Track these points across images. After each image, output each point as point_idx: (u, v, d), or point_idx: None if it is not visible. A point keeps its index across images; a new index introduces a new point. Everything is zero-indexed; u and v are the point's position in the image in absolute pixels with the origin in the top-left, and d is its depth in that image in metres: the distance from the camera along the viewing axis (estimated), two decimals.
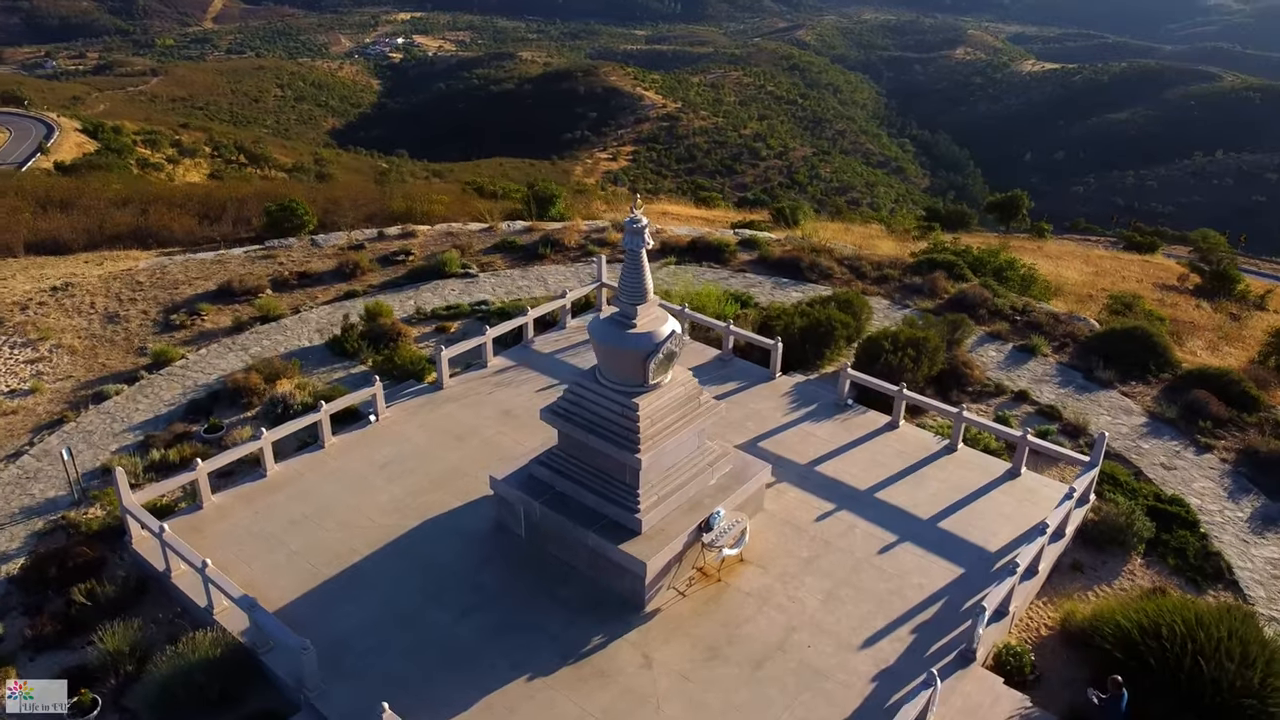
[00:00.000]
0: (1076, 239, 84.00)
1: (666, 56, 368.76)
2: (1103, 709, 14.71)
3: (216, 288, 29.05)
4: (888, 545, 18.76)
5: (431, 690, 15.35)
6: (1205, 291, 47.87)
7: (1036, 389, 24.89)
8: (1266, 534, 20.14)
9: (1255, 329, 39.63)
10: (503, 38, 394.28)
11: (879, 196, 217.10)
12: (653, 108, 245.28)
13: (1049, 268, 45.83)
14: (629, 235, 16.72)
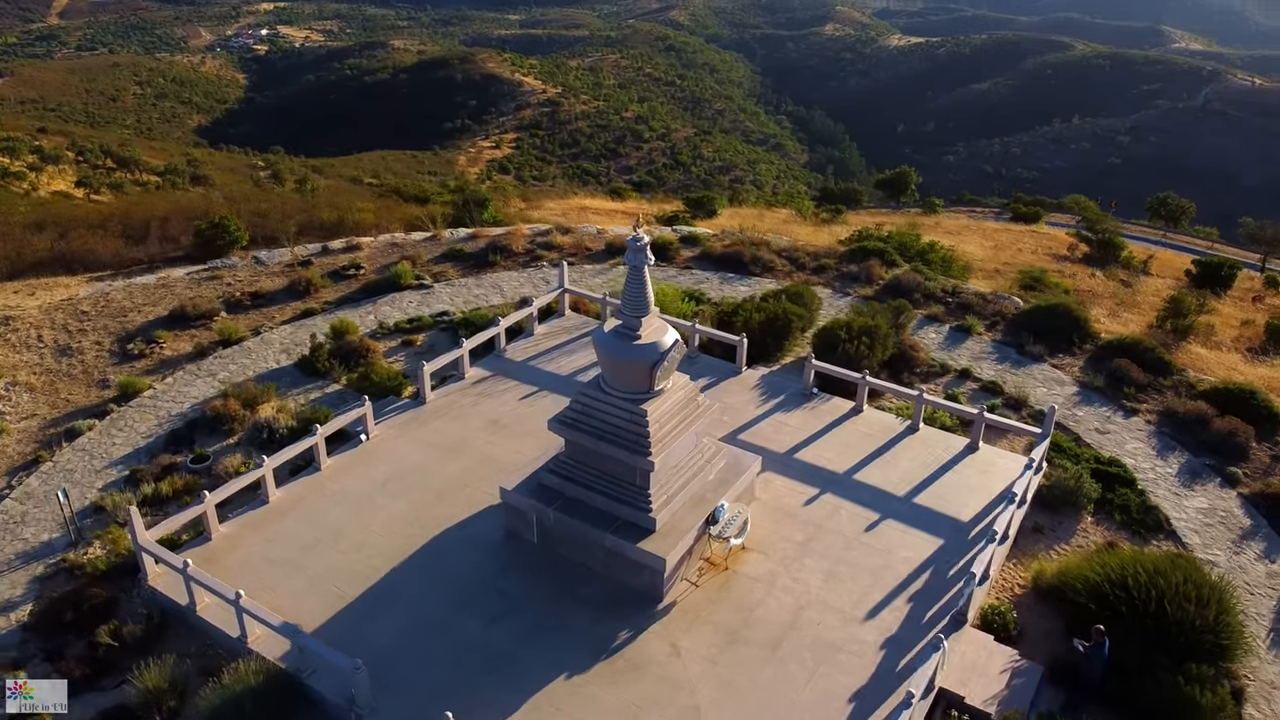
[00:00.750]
0: (964, 211, 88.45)
1: (542, 41, 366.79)
2: (1087, 656, 16.60)
3: (168, 313, 28.68)
4: (872, 523, 20.38)
5: (477, 696, 16.17)
6: (1093, 260, 51.60)
7: (977, 366, 27.00)
8: (1194, 486, 22.60)
9: (1146, 293, 43.13)
10: (372, 26, 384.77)
11: (761, 174, 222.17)
12: (533, 94, 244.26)
13: (953, 244, 48.57)
14: (631, 253, 17.75)
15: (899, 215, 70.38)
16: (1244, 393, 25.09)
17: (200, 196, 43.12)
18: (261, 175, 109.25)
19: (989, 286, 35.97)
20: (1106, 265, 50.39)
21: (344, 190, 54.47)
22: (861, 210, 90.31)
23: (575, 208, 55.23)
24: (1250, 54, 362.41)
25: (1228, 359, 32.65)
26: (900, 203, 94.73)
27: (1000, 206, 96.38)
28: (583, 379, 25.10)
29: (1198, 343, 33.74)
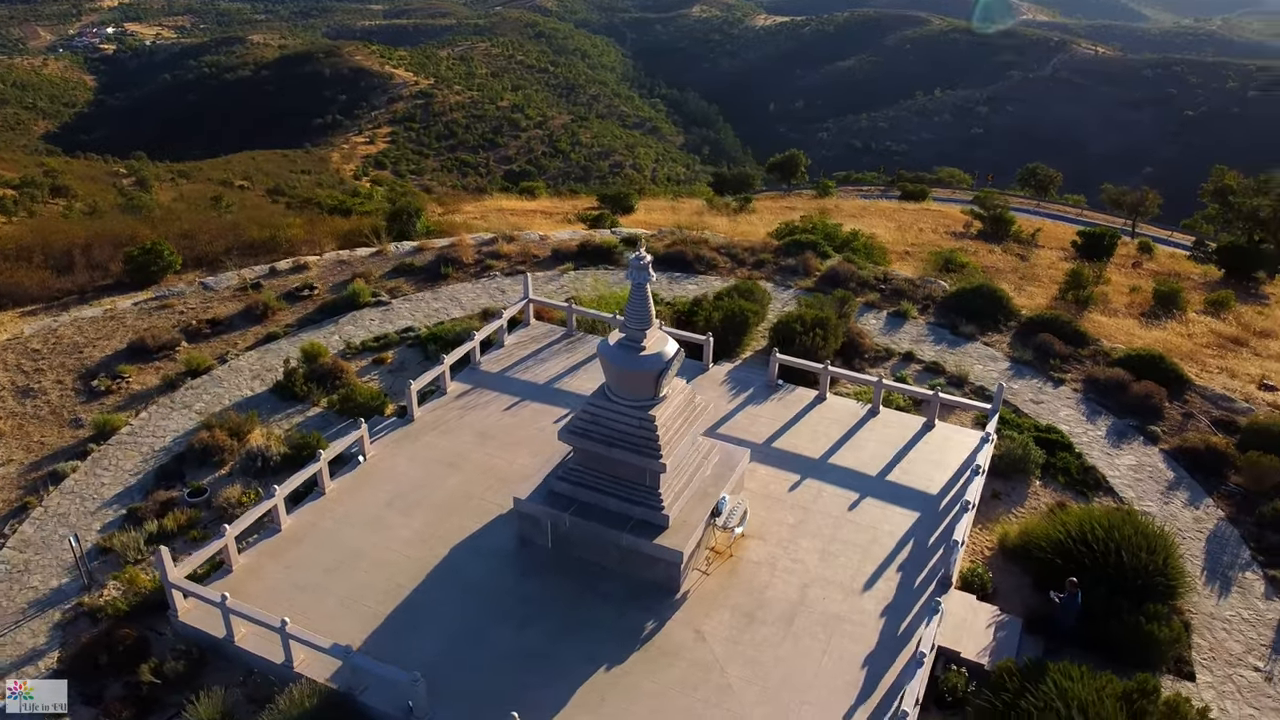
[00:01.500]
0: (852, 190, 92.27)
1: (409, 31, 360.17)
2: (1062, 605, 18.84)
3: (127, 346, 28.40)
4: (854, 503, 22.27)
5: (526, 696, 17.26)
6: (988, 235, 55.16)
7: (918, 348, 29.28)
8: (1122, 446, 25.33)
9: (1042, 266, 46.65)
10: (228, 20, 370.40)
11: (640, 158, 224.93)
12: (404, 86, 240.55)
13: (858, 227, 51.23)
14: (634, 270, 19.05)
15: (801, 200, 73.27)
16: (1153, 358, 28.09)
17: (121, 221, 41.97)
18: (126, 183, 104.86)
19: (905, 269, 38.54)
20: (1001, 240, 54.04)
21: (260, 206, 53.56)
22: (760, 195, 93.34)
23: (493, 209, 55.78)
24: (1091, 24, 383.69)
25: (1125, 325, 36.04)
26: (791, 185, 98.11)
27: (885, 184, 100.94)
28: (560, 387, 26.33)
29: (1097, 312, 37.10)
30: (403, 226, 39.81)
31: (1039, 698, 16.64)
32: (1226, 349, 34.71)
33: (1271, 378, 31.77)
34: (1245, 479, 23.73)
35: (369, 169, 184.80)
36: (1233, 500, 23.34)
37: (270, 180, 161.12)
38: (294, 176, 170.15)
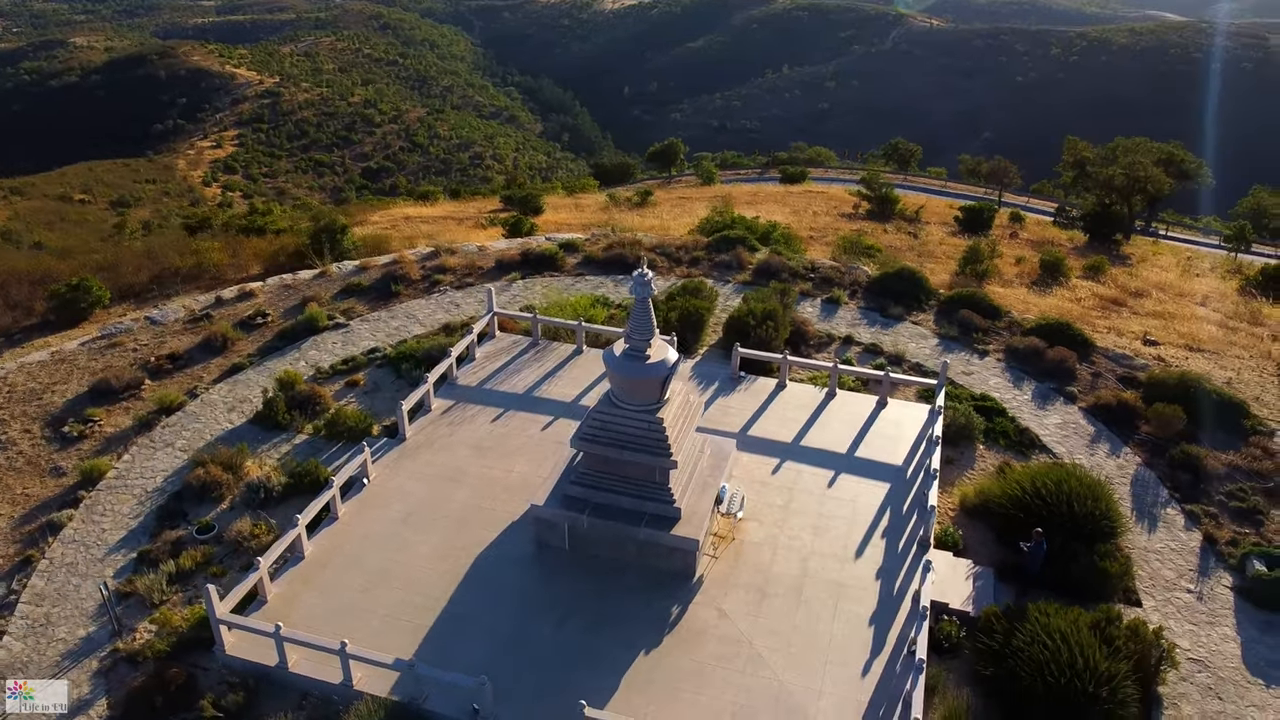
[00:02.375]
0: (729, 174, 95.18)
1: (245, 28, 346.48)
2: (1030, 554, 21.56)
3: (89, 389, 28.08)
4: (831, 480, 24.54)
5: (578, 687, 18.72)
6: (876, 215, 58.72)
7: (855, 332, 31.84)
8: (1047, 407, 28.49)
9: (934, 243, 50.31)
10: (44, 23, 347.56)
11: (500, 148, 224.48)
12: (249, 86, 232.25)
13: (760, 215, 53.84)
14: (637, 286, 20.65)
15: (690, 188, 75.62)
16: (1061, 325, 31.47)
17: (29, 257, 40.49)
18: None
19: (819, 255, 41.19)
20: (888, 219, 57.66)
21: (171, 231, 52.00)
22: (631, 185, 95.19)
23: (400, 217, 55.95)
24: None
25: (1019, 294, 39.65)
26: (672, 174, 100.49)
27: (761, 166, 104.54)
28: (539, 395, 27.65)
29: (994, 283, 40.67)
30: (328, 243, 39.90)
31: (1026, 634, 19.26)
32: (1109, 310, 38.77)
33: (1152, 333, 35.82)
34: (1154, 428, 27.18)
35: (218, 174, 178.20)
36: (1146, 447, 26.75)
37: (112, 192, 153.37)
38: (138, 187, 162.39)
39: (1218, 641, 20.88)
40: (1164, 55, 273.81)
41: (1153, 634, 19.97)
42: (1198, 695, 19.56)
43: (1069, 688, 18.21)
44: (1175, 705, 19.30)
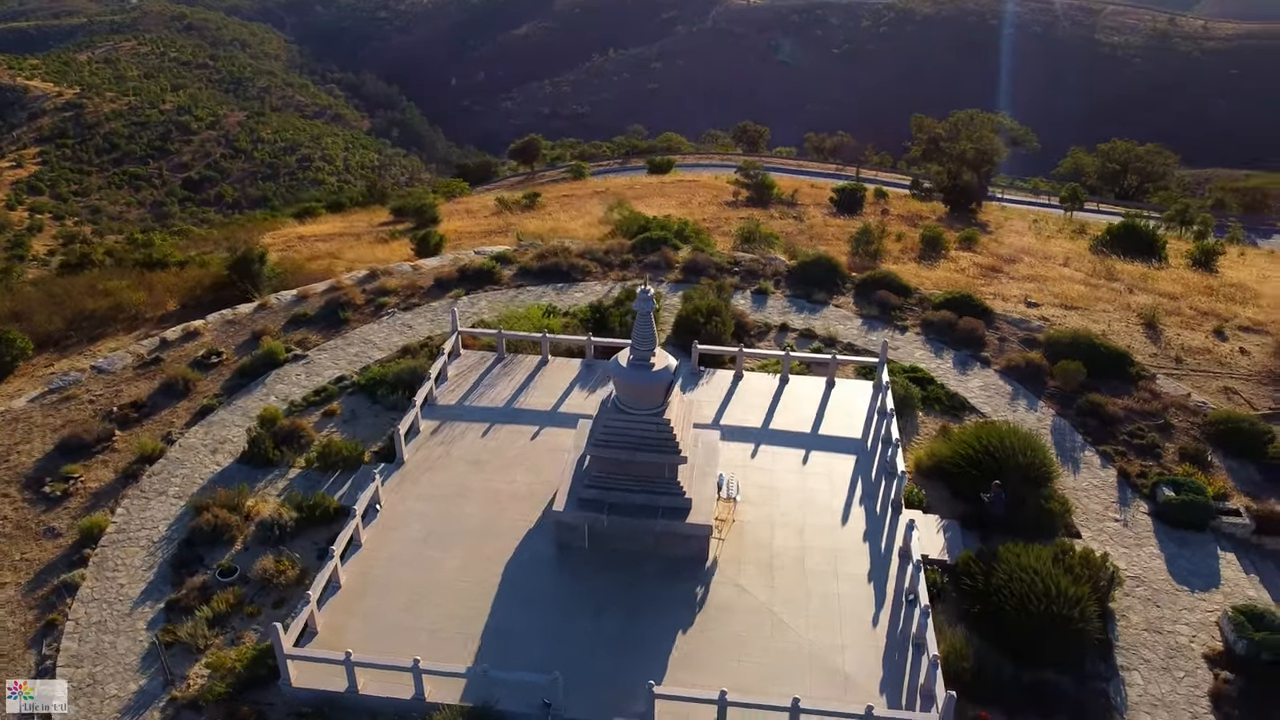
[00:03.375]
0: (592, 166, 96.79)
1: (32, 36, 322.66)
2: (991, 502, 24.83)
3: (56, 446, 27.66)
4: (804, 457, 27.22)
5: (629, 669, 20.67)
6: (755, 201, 62.01)
7: (788, 319, 34.65)
8: (968, 373, 32.08)
9: (819, 225, 53.89)
10: None
11: (329, 149, 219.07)
12: (46, 99, 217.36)
13: (651, 209, 56.22)
14: (641, 301, 22.64)
15: (571, 185, 77.07)
16: (965, 297, 35.26)
17: None
18: None
19: (724, 246, 43.87)
20: (767, 205, 61.06)
21: (64, 275, 49.52)
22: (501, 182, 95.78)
23: (293, 238, 55.34)
24: None
25: (910, 269, 43.49)
26: (535, 170, 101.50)
27: (621, 157, 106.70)
28: (519, 407, 29.15)
29: (885, 261, 44.41)
30: (247, 273, 39.70)
31: (1003, 573, 22.43)
32: (989, 277, 43.12)
33: (1031, 296, 40.31)
34: (1060, 382, 31.14)
35: (22, 196, 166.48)
36: (1056, 400, 30.68)
37: None
38: None
39: (1147, 560, 24.73)
40: (964, 23, 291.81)
41: (1100, 559, 23.55)
42: (1140, 606, 23.27)
43: (1046, 613, 21.45)
44: (1125, 616, 22.94)
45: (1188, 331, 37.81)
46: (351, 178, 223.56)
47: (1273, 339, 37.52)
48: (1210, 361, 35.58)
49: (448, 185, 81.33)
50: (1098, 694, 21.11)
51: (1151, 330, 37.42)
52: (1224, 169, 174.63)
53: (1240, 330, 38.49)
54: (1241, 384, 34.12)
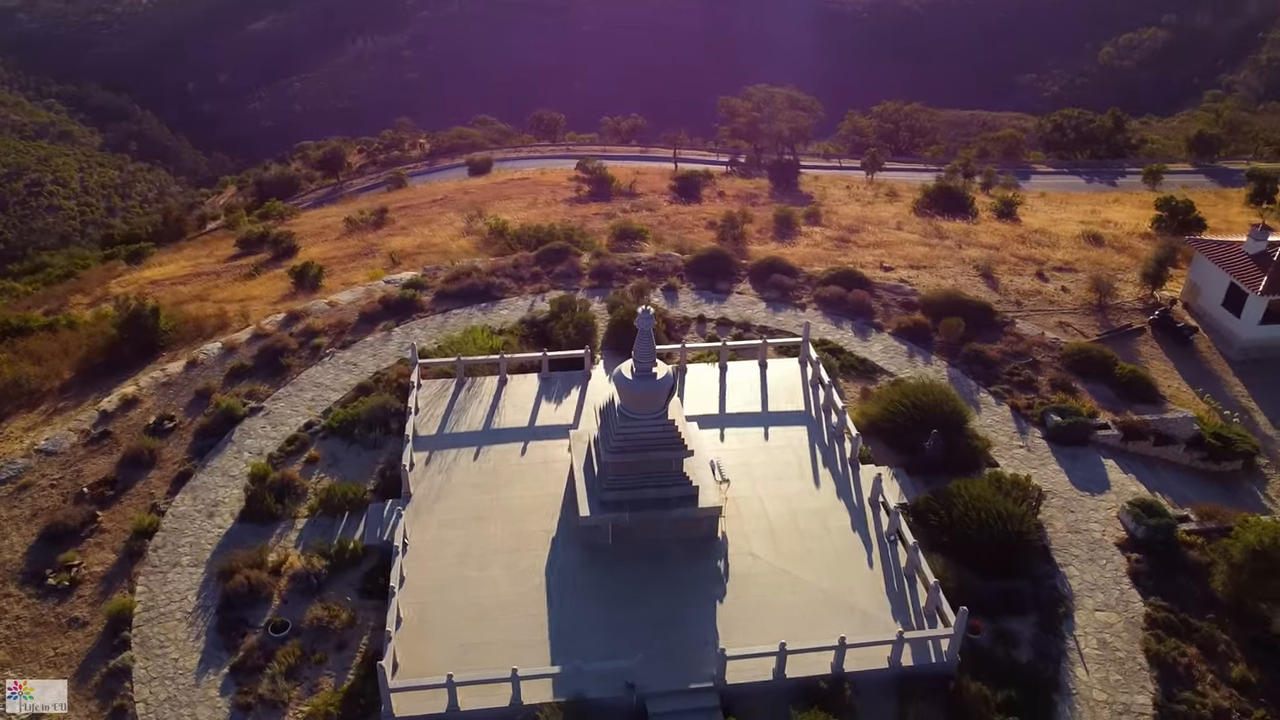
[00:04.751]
0: (413, 170, 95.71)
1: None
2: (933, 448, 29.52)
3: (38, 536, 26.95)
4: (766, 435, 30.95)
5: (685, 642, 23.79)
6: (597, 195, 64.74)
7: (704, 310, 38.16)
8: (868, 339, 36.85)
9: (671, 213, 57.44)
10: None
11: (61, 169, 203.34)
12: None
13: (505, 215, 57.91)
14: (642, 320, 25.47)
15: (403, 193, 76.65)
16: (848, 271, 40.04)
17: None
18: None
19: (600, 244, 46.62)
20: (610, 198, 64.01)
21: None
22: (303, 197, 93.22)
23: (144, 283, 52.99)
24: None
25: (771, 248, 47.99)
26: (340, 178, 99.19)
27: (428, 157, 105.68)
28: (498, 427, 31.14)
29: (751, 243, 48.71)
30: (141, 330, 38.65)
31: (961, 505, 27.09)
32: (841, 248, 48.35)
33: (884, 260, 45.83)
34: (944, 337, 36.44)
35: None
36: (945, 352, 35.98)
37: None
38: None
39: (1052, 476, 30.25)
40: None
41: (1026, 481, 28.74)
42: (1060, 514, 28.70)
43: (1003, 533, 26.30)
44: (1051, 524, 28.26)
45: (1017, 277, 44.49)
46: (93, 200, 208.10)
47: (1083, 275, 44.83)
48: (1042, 301, 42.27)
49: (266, 208, 78.36)
50: (1050, 589, 26.22)
51: (990, 279, 43.78)
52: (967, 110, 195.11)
53: (1056, 271, 45.65)
54: (1071, 318, 40.93)
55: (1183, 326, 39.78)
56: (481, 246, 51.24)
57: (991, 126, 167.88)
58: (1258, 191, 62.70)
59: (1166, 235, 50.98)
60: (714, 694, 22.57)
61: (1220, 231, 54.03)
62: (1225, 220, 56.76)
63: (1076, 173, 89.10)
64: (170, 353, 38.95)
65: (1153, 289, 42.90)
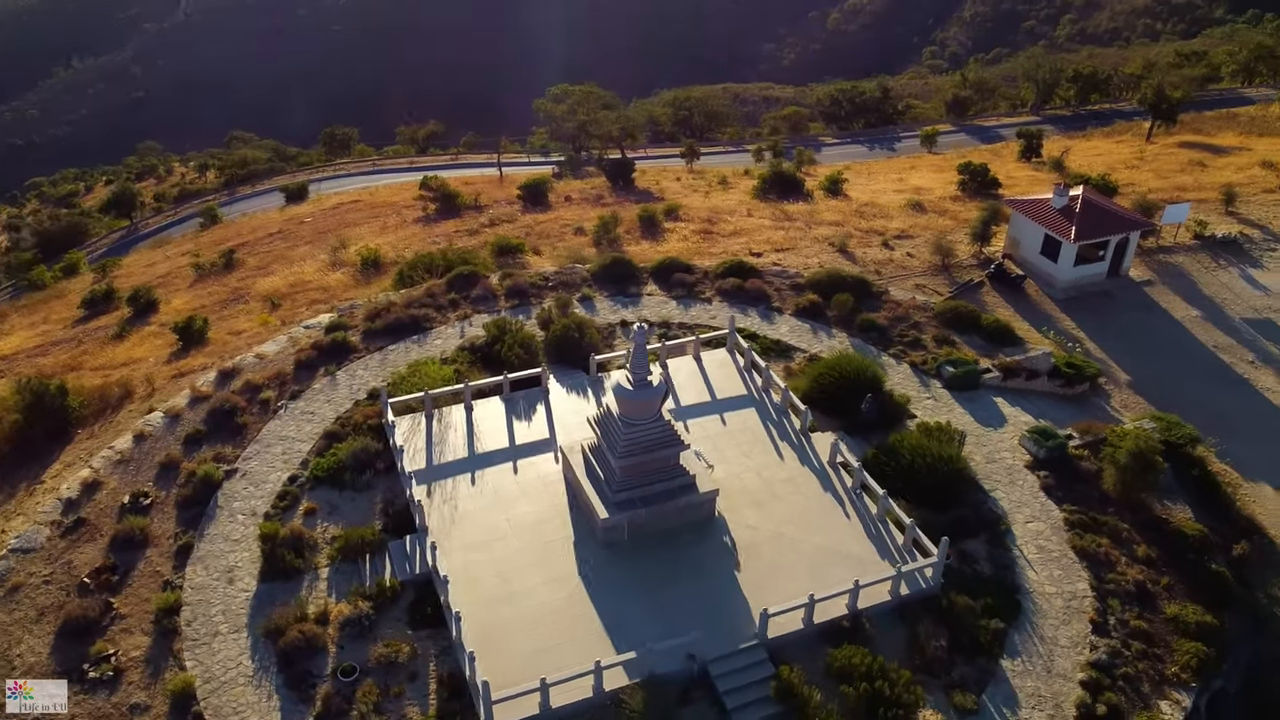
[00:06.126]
0: (198, 204, 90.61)
1: None
2: (868, 410, 34.29)
3: (58, 634, 26.59)
4: (723, 421, 34.66)
5: (721, 610, 27.28)
6: (445, 212, 65.52)
7: (625, 315, 41.21)
8: (774, 322, 41.25)
9: (529, 222, 59.52)
10: None
11: None
12: None
13: (382, 242, 58.25)
14: (638, 335, 28.47)
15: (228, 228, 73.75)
16: (739, 263, 44.29)
17: None
18: None
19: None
20: (460, 213, 65.08)
21: None
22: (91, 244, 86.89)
23: None
24: None
25: (644, 248, 51.52)
26: (135, 220, 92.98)
27: (222, 188, 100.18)
28: (481, 451, 33.11)
29: (627, 245, 51.95)
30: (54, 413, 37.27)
31: (907, 454, 31.91)
32: (708, 240, 52.59)
33: (753, 248, 50.46)
34: (836, 311, 41.41)
35: None
36: (841, 325, 40.97)
37: None
38: None
39: (960, 418, 35.79)
40: None
41: (947, 426, 34.04)
42: (976, 449, 34.24)
43: (945, 473, 31.39)
44: (972, 458, 33.72)
45: (868, 249, 50.39)
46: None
47: (919, 240, 51.38)
48: (895, 269, 48.30)
49: (69, 260, 72.48)
50: (988, 512, 31.59)
51: (846, 254, 49.41)
52: None
53: (897, 239, 51.98)
54: (923, 279, 47.14)
55: (1015, 276, 46.88)
56: (358, 279, 51.81)
57: (754, 103, 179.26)
58: (1027, 148, 72.67)
59: (972, 196, 58.88)
60: (761, 649, 26.13)
61: (1008, 186, 62.89)
62: (1008, 176, 65.78)
63: (858, 141, 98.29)
64: (86, 430, 37.93)
65: (981, 246, 49.96)
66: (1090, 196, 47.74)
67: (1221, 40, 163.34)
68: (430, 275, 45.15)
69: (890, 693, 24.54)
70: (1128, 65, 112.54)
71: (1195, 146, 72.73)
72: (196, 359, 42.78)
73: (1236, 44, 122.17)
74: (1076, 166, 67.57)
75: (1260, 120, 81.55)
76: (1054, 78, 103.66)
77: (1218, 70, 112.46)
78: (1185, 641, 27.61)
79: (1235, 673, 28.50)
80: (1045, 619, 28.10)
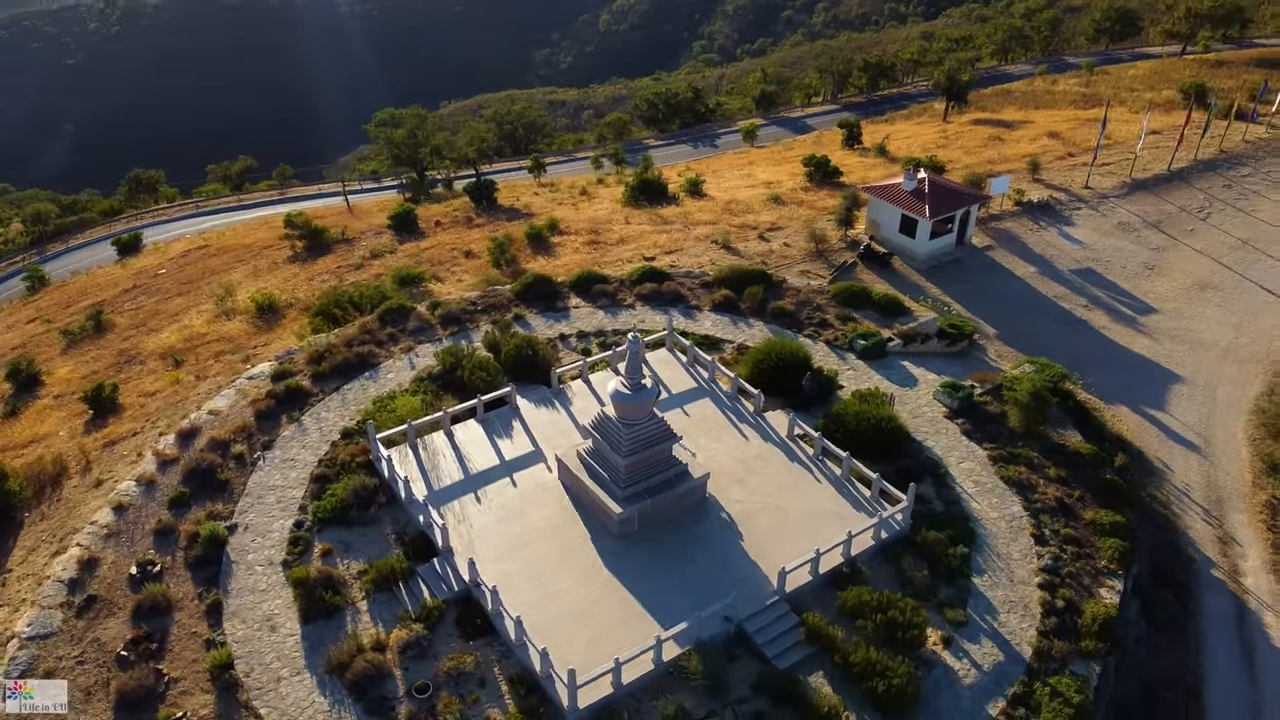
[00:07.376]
0: (39, 259, 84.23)
1: None
2: (809, 388, 38.76)
3: (115, 710, 26.59)
4: (687, 414, 38.16)
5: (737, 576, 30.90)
6: (313, 249, 64.91)
7: (564, 329, 43.82)
8: (697, 318, 45.04)
9: (423, 251, 60.47)
10: None
11: None
12: None
13: (265, 285, 57.58)
14: (632, 343, 31.50)
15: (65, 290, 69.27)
16: (653, 270, 47.80)
17: None
18: None
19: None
20: (330, 249, 64.74)
21: None
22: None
23: None
24: None
25: (549, 264, 54.10)
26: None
27: (34, 246, 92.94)
28: (474, 471, 35.13)
29: (527, 263, 54.24)
30: None
31: (851, 422, 36.55)
32: (600, 250, 55.74)
33: (644, 252, 54.04)
34: (749, 304, 45.72)
35: None
36: (756, 314, 45.32)
37: None
38: None
39: (880, 382, 40.94)
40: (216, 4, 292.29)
41: (877, 391, 39.00)
42: (900, 407, 39.47)
43: (886, 430, 36.29)
44: (900, 415, 38.74)
45: (748, 244, 55.16)
46: None
47: (789, 230, 56.64)
48: (778, 258, 53.25)
49: None
50: (926, 460, 36.76)
51: (731, 250, 53.94)
52: None
53: (770, 232, 57.06)
54: (806, 265, 52.34)
55: (882, 254, 52.85)
56: (259, 325, 51.60)
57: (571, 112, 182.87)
58: (849, 136, 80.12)
59: (819, 186, 64.98)
60: (784, 603, 29.89)
61: (847, 172, 69.60)
62: (841, 163, 72.52)
63: (681, 141, 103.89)
64: (36, 512, 36.85)
65: (846, 230, 55.75)
66: (933, 178, 54.47)
67: (961, 21, 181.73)
68: (348, 313, 45.99)
69: (903, 618, 28.89)
70: (902, 50, 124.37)
71: (988, 123, 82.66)
72: (121, 425, 42.00)
73: (992, 26, 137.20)
74: (894, 150, 75.44)
75: (1030, 94, 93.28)
76: (846, 68, 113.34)
77: (980, 51, 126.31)
78: (1106, 539, 33.55)
79: (1144, 557, 34.82)
80: (997, 540, 33.36)
